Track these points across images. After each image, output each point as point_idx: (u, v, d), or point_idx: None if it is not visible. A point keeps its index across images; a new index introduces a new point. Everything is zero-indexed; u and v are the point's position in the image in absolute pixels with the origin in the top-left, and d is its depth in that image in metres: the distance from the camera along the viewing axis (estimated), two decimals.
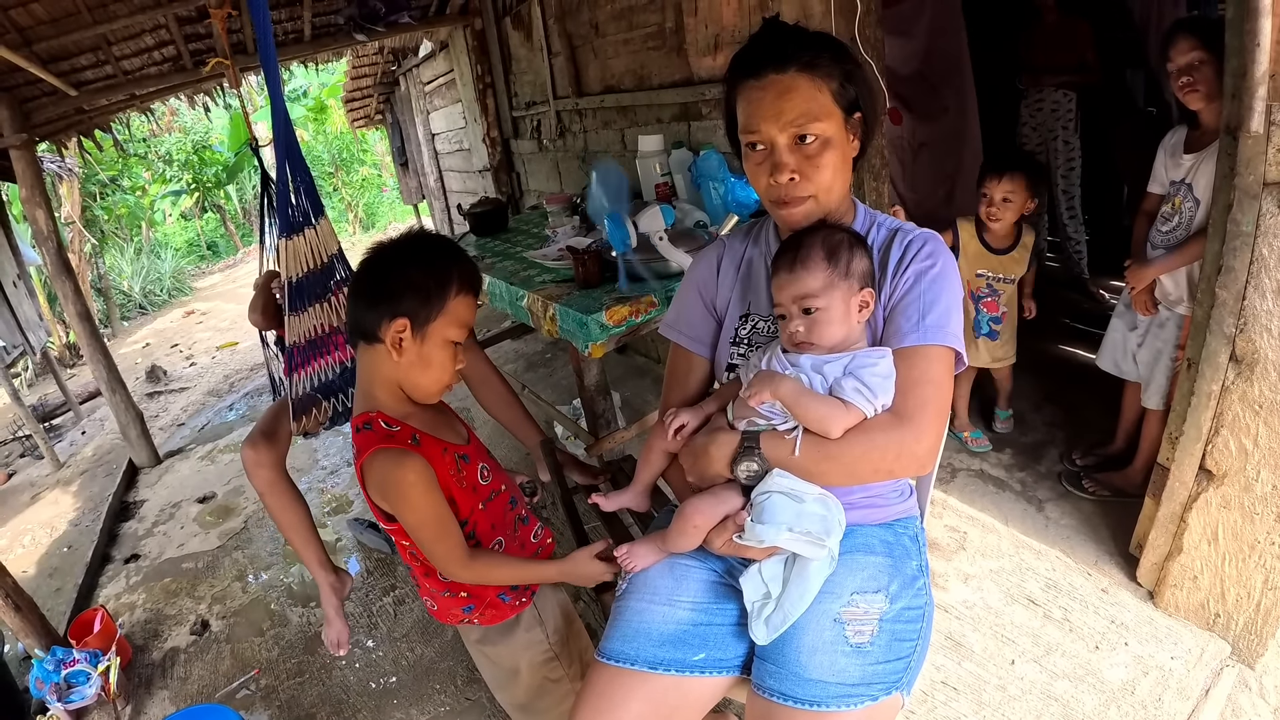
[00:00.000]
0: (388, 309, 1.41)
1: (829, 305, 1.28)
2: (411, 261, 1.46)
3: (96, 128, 5.27)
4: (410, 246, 1.50)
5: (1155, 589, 2.29)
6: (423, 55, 7.10)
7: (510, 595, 1.64)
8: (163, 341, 9.64)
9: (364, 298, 1.46)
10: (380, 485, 1.41)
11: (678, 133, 3.62)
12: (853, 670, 1.26)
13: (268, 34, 1.78)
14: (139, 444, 5.00)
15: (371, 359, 1.47)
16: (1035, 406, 3.36)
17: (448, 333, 1.46)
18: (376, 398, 1.46)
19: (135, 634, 3.17)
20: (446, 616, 1.67)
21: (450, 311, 1.45)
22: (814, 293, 1.28)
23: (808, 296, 1.28)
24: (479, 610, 1.63)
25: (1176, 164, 2.42)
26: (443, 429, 1.55)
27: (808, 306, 1.29)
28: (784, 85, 1.29)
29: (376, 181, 17.65)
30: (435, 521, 1.44)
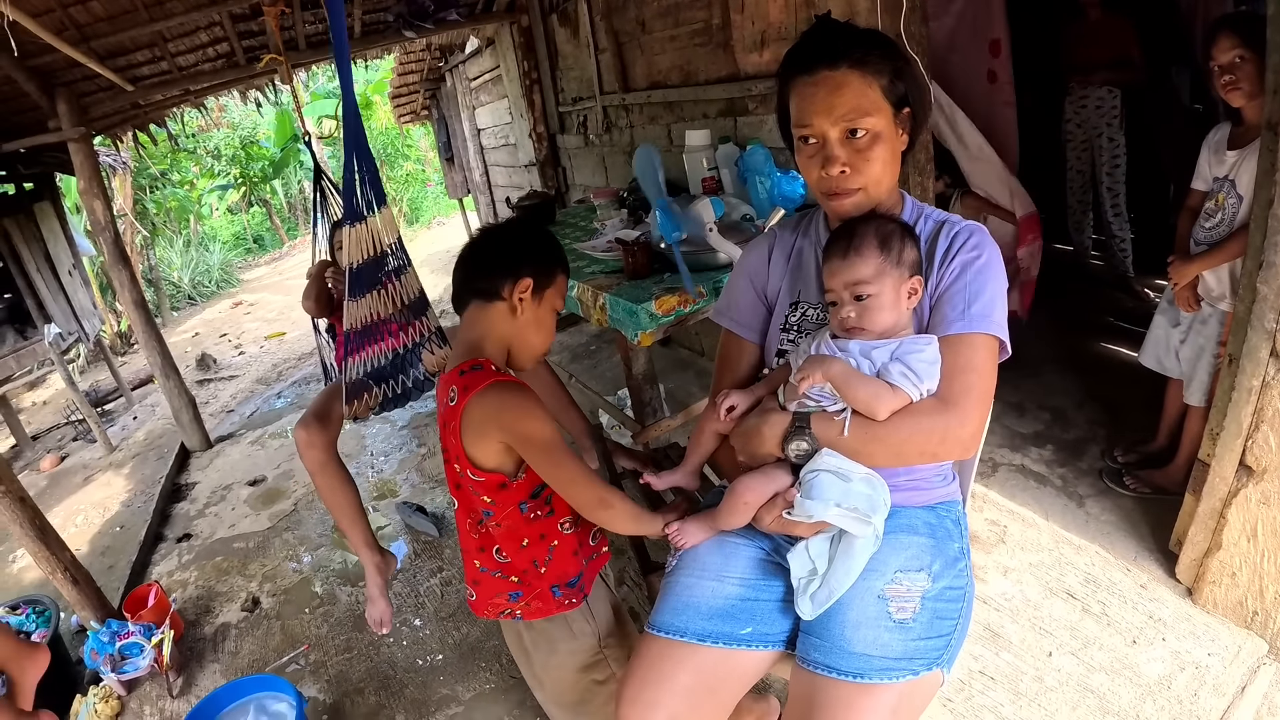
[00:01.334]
0: (512, 271, 1.54)
1: (880, 291, 1.32)
2: (532, 234, 1.64)
3: (151, 122, 5.39)
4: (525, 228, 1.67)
5: (1194, 585, 2.29)
6: (469, 52, 7.18)
7: (563, 591, 1.63)
8: (211, 331, 9.83)
9: (484, 263, 1.59)
10: (499, 414, 1.43)
11: (724, 128, 3.64)
12: (895, 645, 1.30)
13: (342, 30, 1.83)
14: (191, 428, 5.13)
15: (486, 316, 1.57)
16: (1077, 404, 3.36)
17: (556, 302, 1.62)
18: (485, 350, 1.54)
19: (187, 609, 3.27)
20: (485, 607, 1.67)
21: (557, 285, 1.62)
22: (866, 279, 1.32)
23: (860, 283, 1.32)
24: (525, 599, 1.62)
25: (1220, 160, 2.42)
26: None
27: (860, 293, 1.33)
28: (836, 81, 1.33)
29: (421, 177, 17.79)
30: (567, 457, 1.47)
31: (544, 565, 1.59)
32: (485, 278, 1.56)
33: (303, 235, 16.94)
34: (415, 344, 2.05)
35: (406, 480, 4.04)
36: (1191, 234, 2.52)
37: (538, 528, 1.57)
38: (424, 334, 2.06)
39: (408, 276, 1.98)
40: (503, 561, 1.60)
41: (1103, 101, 4.20)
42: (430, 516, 3.46)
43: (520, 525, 1.56)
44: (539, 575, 1.60)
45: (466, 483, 1.53)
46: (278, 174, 16.00)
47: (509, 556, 1.59)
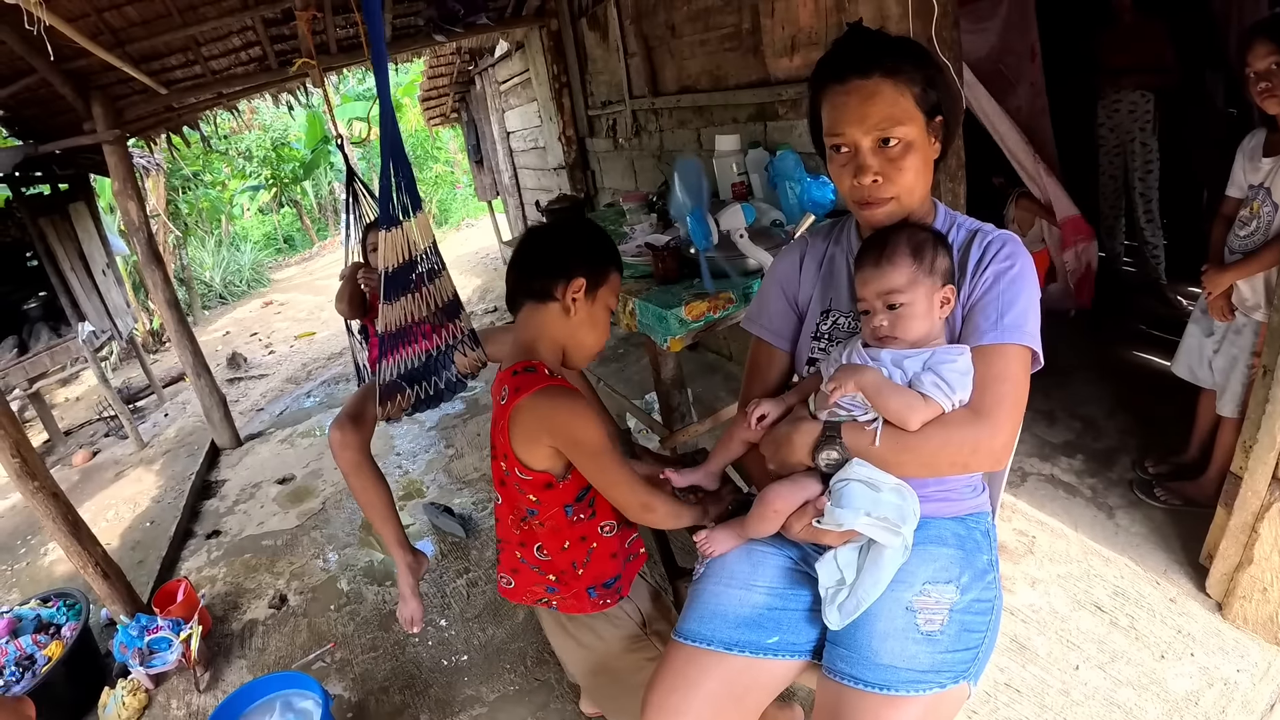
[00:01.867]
0: (566, 270, 1.57)
1: (913, 301, 1.32)
2: (584, 234, 1.65)
3: (184, 124, 5.48)
4: (577, 227, 1.69)
5: (1224, 600, 2.26)
6: (499, 55, 7.22)
7: (599, 591, 1.66)
8: (242, 330, 9.95)
9: (537, 263, 1.61)
10: (550, 418, 1.46)
11: (754, 133, 3.64)
12: (923, 657, 1.29)
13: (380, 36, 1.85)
14: (221, 426, 5.20)
15: (540, 317, 1.60)
16: (1108, 413, 3.32)
17: (609, 300, 1.64)
18: (539, 352, 1.57)
19: (215, 605, 3.31)
20: (522, 594, 1.71)
21: (611, 283, 1.63)
22: (899, 288, 1.32)
23: (893, 292, 1.32)
24: (560, 594, 1.66)
25: (1255, 168, 2.39)
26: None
27: (892, 302, 1.32)
28: (868, 90, 1.33)
29: (449, 178, 17.92)
30: (613, 449, 1.50)
31: (582, 567, 1.63)
32: (538, 278, 1.58)
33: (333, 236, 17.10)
34: (448, 346, 2.06)
35: (434, 481, 4.07)
36: (1226, 242, 2.49)
37: (580, 529, 1.60)
38: (457, 336, 2.07)
39: (441, 280, 2.00)
40: (543, 559, 1.64)
41: (1136, 106, 4.15)
42: (457, 518, 3.48)
43: (563, 526, 1.59)
44: (576, 576, 1.63)
45: (512, 480, 1.55)
46: (308, 175, 16.18)
47: (549, 554, 1.62)
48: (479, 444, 4.36)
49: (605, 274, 1.61)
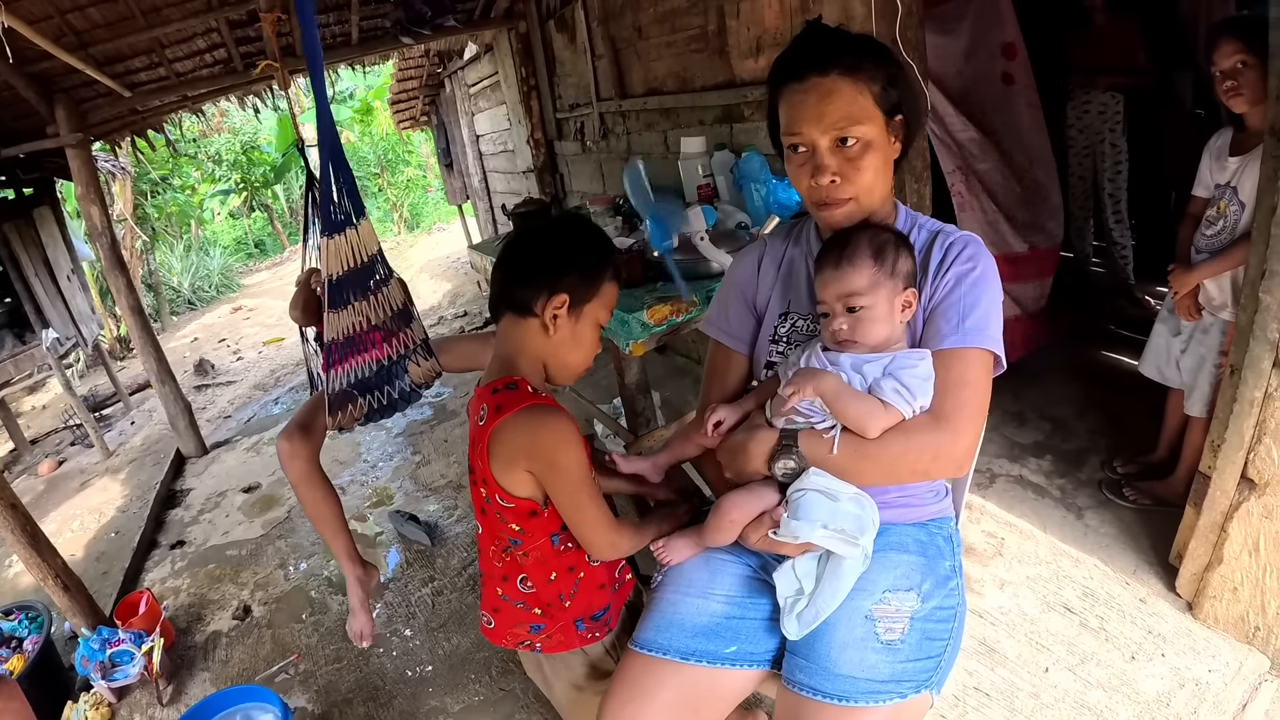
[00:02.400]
0: (547, 285, 1.42)
1: (874, 304, 1.29)
2: (572, 241, 1.49)
3: (149, 128, 5.41)
4: (568, 228, 1.54)
5: (1194, 600, 2.26)
6: (467, 58, 7.18)
7: (587, 625, 1.56)
8: (210, 336, 9.84)
9: (519, 272, 1.46)
10: (531, 441, 1.36)
11: (720, 134, 3.63)
12: (883, 667, 1.27)
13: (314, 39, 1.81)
14: (187, 435, 5.13)
15: (520, 332, 1.47)
16: (1077, 413, 3.32)
17: (599, 315, 1.49)
18: (519, 368, 1.45)
19: (179, 617, 3.25)
20: (503, 636, 1.59)
21: (603, 295, 1.48)
22: (859, 291, 1.29)
23: (853, 294, 1.29)
24: (548, 632, 1.54)
25: (1221, 167, 2.39)
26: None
27: (852, 304, 1.30)
28: (826, 88, 1.30)
29: (421, 182, 17.81)
30: (592, 481, 1.42)
31: (569, 599, 1.52)
32: (518, 289, 1.45)
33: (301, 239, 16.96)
34: (400, 355, 2.02)
35: (400, 488, 4.02)
36: (1193, 242, 2.49)
37: (567, 560, 1.50)
38: (409, 346, 2.03)
39: (390, 288, 1.96)
40: (527, 592, 1.52)
41: (1105, 107, 4.18)
42: (423, 525, 3.44)
43: (550, 556, 1.48)
44: (563, 609, 1.52)
45: (493, 508, 1.44)
46: (279, 179, 16.03)
47: (534, 587, 1.51)
48: (446, 450, 4.32)
49: (594, 287, 1.46)
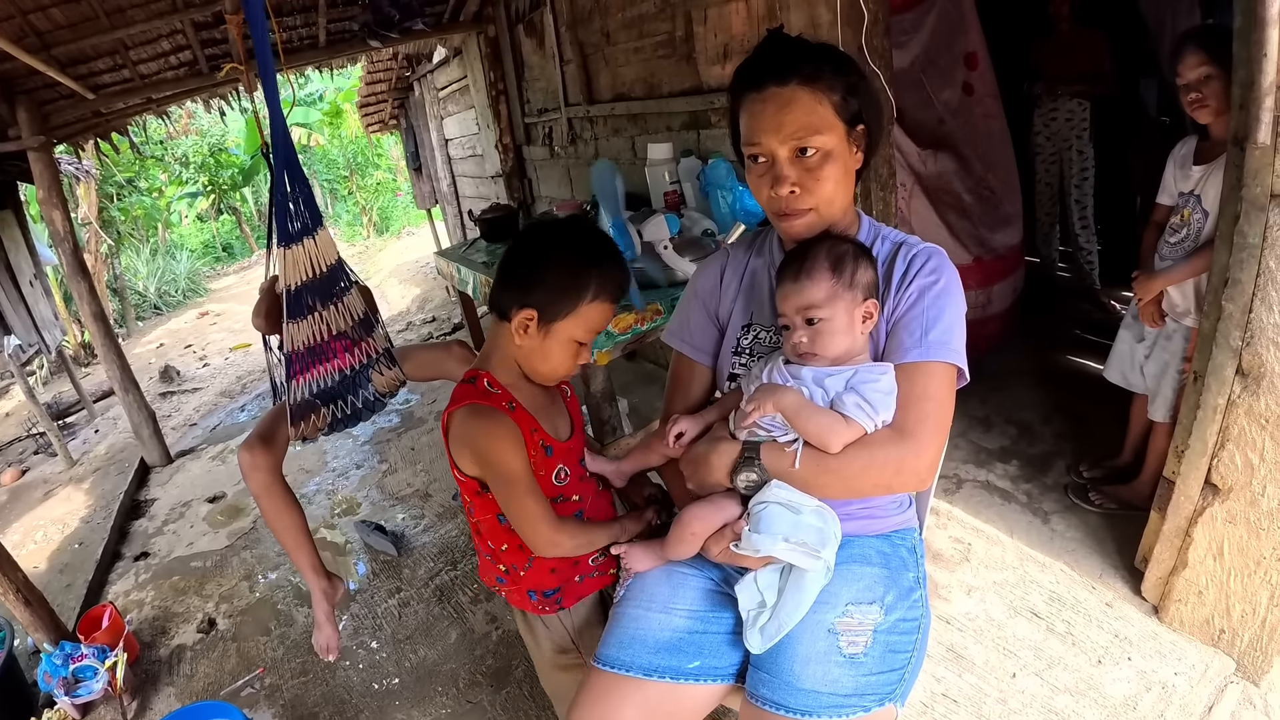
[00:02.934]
0: (519, 296, 1.44)
1: (833, 316, 1.28)
2: (557, 255, 1.46)
3: (113, 130, 5.32)
4: (563, 237, 1.50)
5: (1160, 604, 2.27)
6: (437, 61, 7.13)
7: (539, 598, 1.64)
8: (177, 342, 9.72)
9: (504, 276, 1.48)
10: (467, 436, 1.44)
11: (687, 140, 3.63)
12: (846, 681, 1.26)
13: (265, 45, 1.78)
14: (151, 443, 5.04)
15: (499, 331, 1.51)
16: (1043, 418, 3.35)
17: (574, 333, 1.47)
18: (491, 363, 1.51)
19: (143, 631, 3.19)
20: (485, 574, 1.75)
21: (581, 315, 1.45)
22: (818, 303, 1.28)
23: (811, 307, 1.28)
24: (508, 588, 1.68)
25: (1185, 175, 2.41)
26: (544, 413, 1.56)
27: (811, 317, 1.28)
28: (785, 98, 1.29)
29: (391, 185, 17.70)
30: (519, 479, 1.44)
31: (523, 570, 1.61)
32: (499, 291, 1.48)
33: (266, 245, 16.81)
34: (364, 364, 2.00)
35: (367, 498, 3.97)
36: (1156, 249, 2.52)
37: (516, 539, 1.54)
38: (372, 355, 2.01)
39: (350, 297, 1.94)
40: (491, 549, 1.64)
41: (1072, 114, 4.22)
42: (389, 535, 3.39)
43: (499, 531, 1.56)
44: (519, 576, 1.62)
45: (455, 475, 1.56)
46: (248, 181, 15.89)
47: (493, 550, 1.63)
48: (413, 459, 4.28)
49: (568, 307, 1.43)
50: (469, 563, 3.16)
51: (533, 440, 1.49)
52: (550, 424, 1.57)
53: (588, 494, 1.66)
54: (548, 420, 1.57)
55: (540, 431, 1.52)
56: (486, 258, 3.81)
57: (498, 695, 2.45)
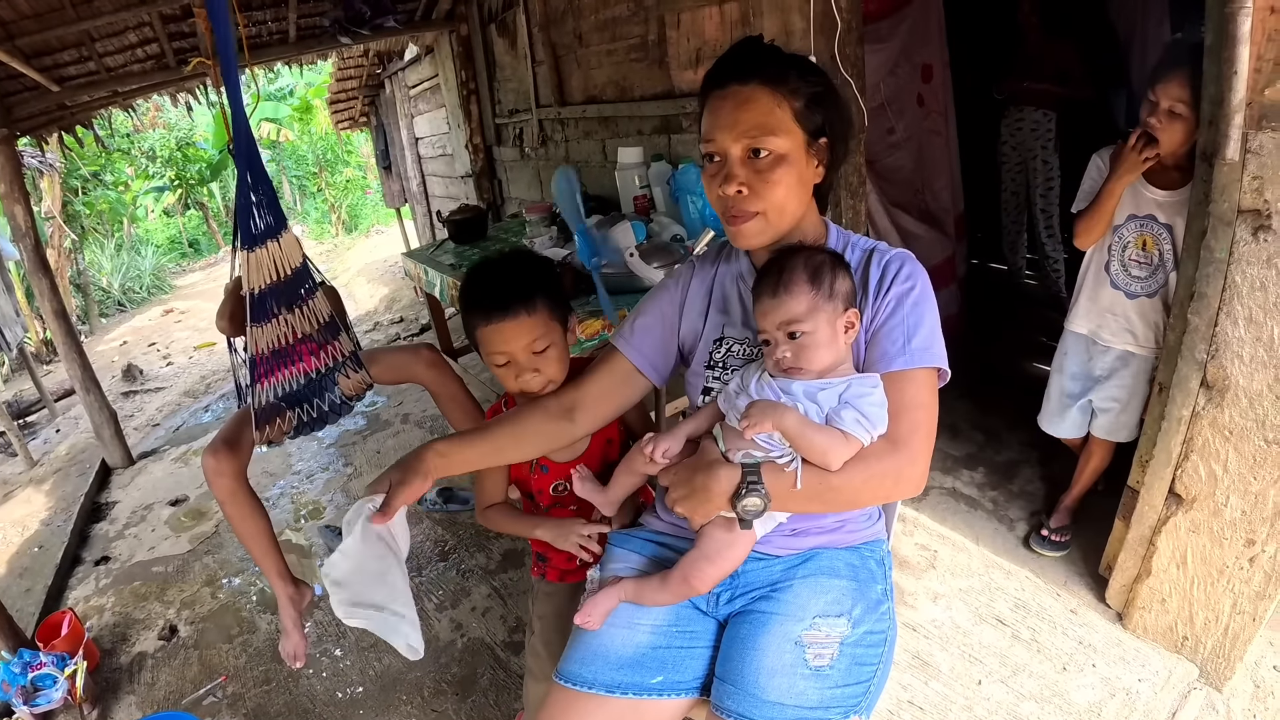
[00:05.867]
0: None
1: (815, 329, 1.26)
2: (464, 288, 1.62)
3: (78, 123, 5.21)
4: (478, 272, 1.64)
5: (1124, 611, 2.30)
6: (408, 59, 7.09)
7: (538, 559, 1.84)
8: (140, 340, 9.58)
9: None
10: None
11: (658, 145, 3.62)
12: (811, 693, 1.26)
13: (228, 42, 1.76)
14: (112, 444, 4.95)
15: None
16: (1009, 425, 3.37)
17: (487, 358, 1.60)
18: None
19: (103, 637, 3.12)
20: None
21: (482, 342, 1.59)
22: (799, 317, 1.25)
23: (793, 321, 1.26)
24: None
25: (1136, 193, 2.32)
26: None
27: (793, 331, 1.26)
28: (744, 96, 1.29)
29: (360, 183, 17.53)
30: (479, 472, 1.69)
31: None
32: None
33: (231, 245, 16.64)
34: (330, 368, 1.97)
35: (331, 501, 3.91)
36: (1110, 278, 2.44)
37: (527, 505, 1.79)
38: (338, 358, 1.98)
39: (316, 301, 1.91)
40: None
41: (1038, 124, 4.25)
42: None
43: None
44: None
45: None
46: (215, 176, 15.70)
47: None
48: (379, 462, 4.21)
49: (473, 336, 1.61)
50: (433, 569, 3.13)
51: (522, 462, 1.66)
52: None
53: (586, 505, 1.67)
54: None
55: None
56: (454, 260, 3.77)
57: (463, 704, 2.43)
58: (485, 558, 3.12)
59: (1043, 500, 2.93)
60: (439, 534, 3.36)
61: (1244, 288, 1.79)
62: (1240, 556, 1.96)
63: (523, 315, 1.53)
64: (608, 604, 1.42)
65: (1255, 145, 1.69)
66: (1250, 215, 1.74)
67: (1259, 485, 1.88)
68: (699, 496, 1.30)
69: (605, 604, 1.42)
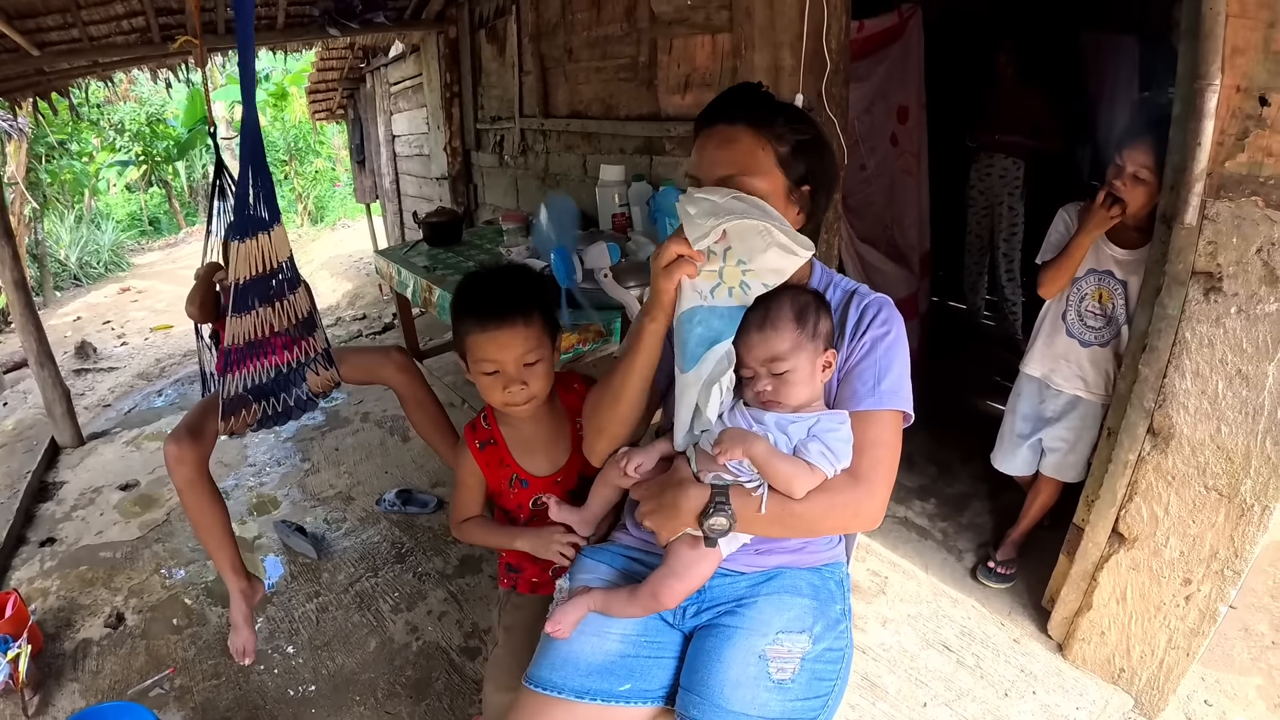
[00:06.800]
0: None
1: (796, 366, 1.32)
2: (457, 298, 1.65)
3: (54, 90, 5.08)
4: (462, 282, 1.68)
5: (1064, 642, 2.39)
6: (392, 56, 7.05)
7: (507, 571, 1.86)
8: (95, 317, 9.37)
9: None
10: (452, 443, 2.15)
11: (639, 165, 3.66)
12: (773, 705, 1.31)
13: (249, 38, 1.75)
14: (63, 423, 4.83)
15: None
16: (962, 459, 3.47)
17: (476, 369, 1.62)
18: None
19: (47, 622, 3.05)
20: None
21: (469, 353, 1.62)
22: (783, 355, 1.31)
23: (776, 359, 1.31)
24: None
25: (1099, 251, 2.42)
26: (529, 447, 1.74)
27: (778, 370, 1.32)
28: (727, 136, 1.35)
29: (330, 175, 17.25)
30: (456, 484, 1.80)
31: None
32: None
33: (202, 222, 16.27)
34: (300, 363, 1.98)
35: (287, 496, 3.87)
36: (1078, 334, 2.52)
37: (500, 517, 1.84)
38: (310, 354, 2.00)
39: (297, 295, 1.92)
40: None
41: (1007, 171, 4.39)
42: (309, 537, 3.31)
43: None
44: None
45: None
46: (183, 155, 15.40)
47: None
48: (337, 459, 4.19)
49: (462, 348, 1.64)
50: (390, 570, 3.12)
51: (501, 473, 1.72)
52: (538, 457, 1.73)
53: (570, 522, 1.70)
54: (535, 453, 1.73)
55: (513, 466, 1.72)
56: (428, 261, 3.78)
57: (417, 707, 2.43)
58: (443, 561, 3.13)
59: (990, 533, 3.02)
60: (396, 535, 3.35)
61: (1193, 343, 1.89)
62: (1177, 594, 2.06)
63: (519, 326, 1.56)
64: (577, 614, 1.45)
65: (1213, 212, 1.79)
66: (1203, 277, 1.84)
67: (1197, 528, 1.99)
68: (668, 512, 1.36)
69: (575, 614, 1.45)
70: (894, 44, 3.54)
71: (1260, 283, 1.75)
